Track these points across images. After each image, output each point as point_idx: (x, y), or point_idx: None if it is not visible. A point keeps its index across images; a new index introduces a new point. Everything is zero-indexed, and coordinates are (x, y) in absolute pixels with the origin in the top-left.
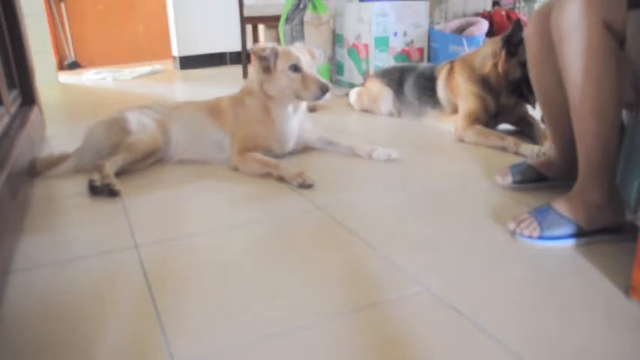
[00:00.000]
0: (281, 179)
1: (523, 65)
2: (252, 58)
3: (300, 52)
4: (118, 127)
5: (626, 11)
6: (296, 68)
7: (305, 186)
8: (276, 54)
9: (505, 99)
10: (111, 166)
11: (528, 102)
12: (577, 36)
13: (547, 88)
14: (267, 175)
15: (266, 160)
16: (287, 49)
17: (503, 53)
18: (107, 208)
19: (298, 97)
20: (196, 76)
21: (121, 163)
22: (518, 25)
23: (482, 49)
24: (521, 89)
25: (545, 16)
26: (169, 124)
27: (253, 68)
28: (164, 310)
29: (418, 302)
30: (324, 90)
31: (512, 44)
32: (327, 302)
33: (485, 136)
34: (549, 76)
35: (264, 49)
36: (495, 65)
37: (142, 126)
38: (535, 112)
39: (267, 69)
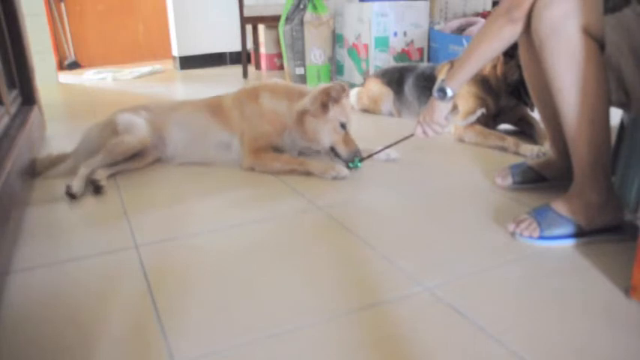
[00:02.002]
0: (308, 175)
1: (521, 68)
2: (330, 89)
3: (352, 109)
4: (111, 128)
5: (602, 16)
6: (344, 126)
7: (339, 178)
8: (340, 99)
9: (505, 101)
10: (85, 169)
11: (527, 104)
12: (556, 41)
13: (541, 89)
14: (290, 173)
15: (287, 158)
16: (348, 104)
17: (500, 56)
18: (107, 208)
19: (332, 149)
20: (196, 76)
21: (97, 165)
22: None
23: None
24: (520, 92)
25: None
26: (165, 125)
27: (314, 95)
28: (164, 310)
29: (418, 302)
30: (357, 156)
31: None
32: (327, 302)
33: (485, 136)
34: (543, 78)
35: (345, 91)
36: (495, 67)
37: (129, 127)
38: (535, 112)
39: (324, 107)
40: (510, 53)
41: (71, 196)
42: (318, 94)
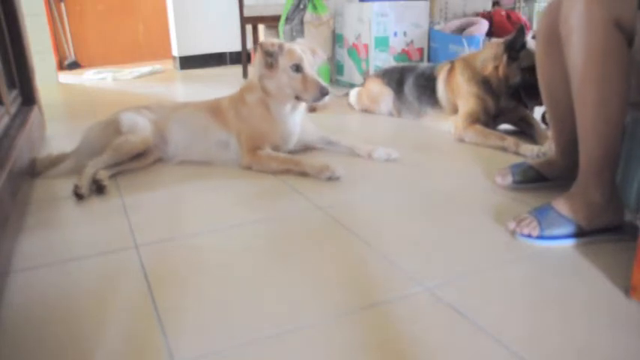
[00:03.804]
0: (304, 175)
1: (523, 70)
2: (258, 51)
3: (303, 51)
4: (113, 128)
5: (637, 9)
6: (298, 68)
7: (334, 178)
8: (281, 51)
9: (505, 102)
10: (91, 168)
11: (526, 107)
12: (585, 31)
13: (553, 86)
14: (286, 172)
15: (283, 158)
16: (292, 48)
17: (504, 58)
18: (107, 208)
19: (297, 98)
20: (196, 76)
21: (103, 164)
22: (520, 31)
23: (484, 52)
24: (520, 95)
25: (556, 10)
26: (168, 125)
27: (255, 61)
28: (164, 310)
29: (418, 302)
30: (323, 93)
31: (514, 49)
32: (327, 302)
33: (485, 136)
34: (556, 74)
35: (272, 44)
36: (496, 68)
37: (133, 127)
38: (535, 112)
39: (269, 65)
40: (513, 56)
41: (79, 196)
42: (259, 57)
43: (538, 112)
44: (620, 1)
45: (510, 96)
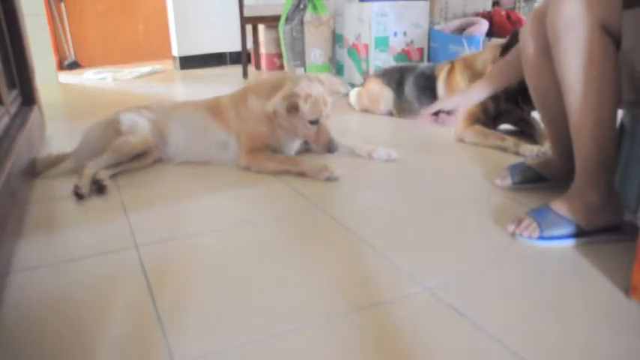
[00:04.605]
0: (302, 175)
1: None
2: (288, 98)
3: (325, 103)
4: (112, 128)
5: (621, 11)
6: (315, 122)
7: (332, 179)
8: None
9: (504, 105)
10: (91, 169)
11: (523, 111)
12: (572, 35)
13: (544, 91)
14: (284, 173)
15: (282, 158)
16: (317, 101)
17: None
18: (107, 208)
19: (305, 143)
20: (196, 76)
21: (103, 165)
22: (515, 35)
23: (483, 53)
24: (517, 100)
25: (542, 17)
26: (167, 125)
27: (277, 98)
28: (164, 310)
29: (418, 302)
30: (330, 150)
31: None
32: (327, 302)
33: (485, 136)
34: (547, 79)
35: (305, 99)
36: None
37: (132, 127)
38: (535, 112)
39: (291, 110)
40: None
41: (79, 196)
42: (283, 99)
43: (538, 112)
44: (605, 3)
45: (507, 100)
